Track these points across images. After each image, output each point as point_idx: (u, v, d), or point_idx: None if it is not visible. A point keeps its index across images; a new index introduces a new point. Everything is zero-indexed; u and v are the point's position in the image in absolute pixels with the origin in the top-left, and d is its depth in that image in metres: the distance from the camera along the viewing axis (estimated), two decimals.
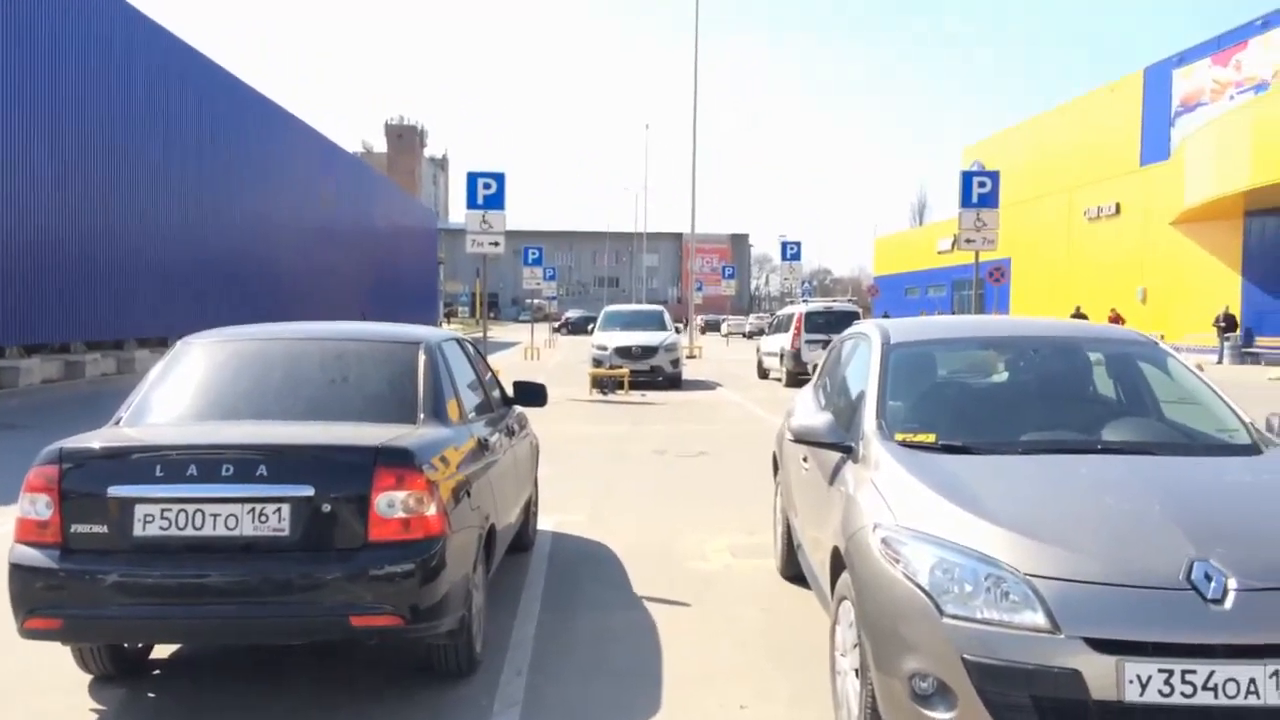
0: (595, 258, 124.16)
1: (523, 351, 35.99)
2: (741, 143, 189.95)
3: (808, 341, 20.94)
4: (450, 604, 4.01)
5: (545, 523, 7.55)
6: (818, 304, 22.71)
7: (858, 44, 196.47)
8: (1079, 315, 35.09)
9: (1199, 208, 30.95)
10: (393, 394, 4.52)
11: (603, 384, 19.51)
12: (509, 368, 28.53)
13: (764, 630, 5.19)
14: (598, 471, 10.33)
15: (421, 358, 4.66)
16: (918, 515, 3.40)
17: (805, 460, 4.91)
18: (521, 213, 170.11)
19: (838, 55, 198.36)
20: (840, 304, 23.23)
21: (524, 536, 6.56)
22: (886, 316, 21.99)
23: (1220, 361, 29.96)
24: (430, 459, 4.01)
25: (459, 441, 4.48)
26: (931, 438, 3.99)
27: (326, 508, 3.79)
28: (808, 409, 5.35)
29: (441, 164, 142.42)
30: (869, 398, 4.29)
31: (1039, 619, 2.93)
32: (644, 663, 4.72)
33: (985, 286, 49.94)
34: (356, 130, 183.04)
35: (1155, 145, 42.36)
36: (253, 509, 3.76)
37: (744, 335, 59.23)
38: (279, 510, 3.76)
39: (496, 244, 19.30)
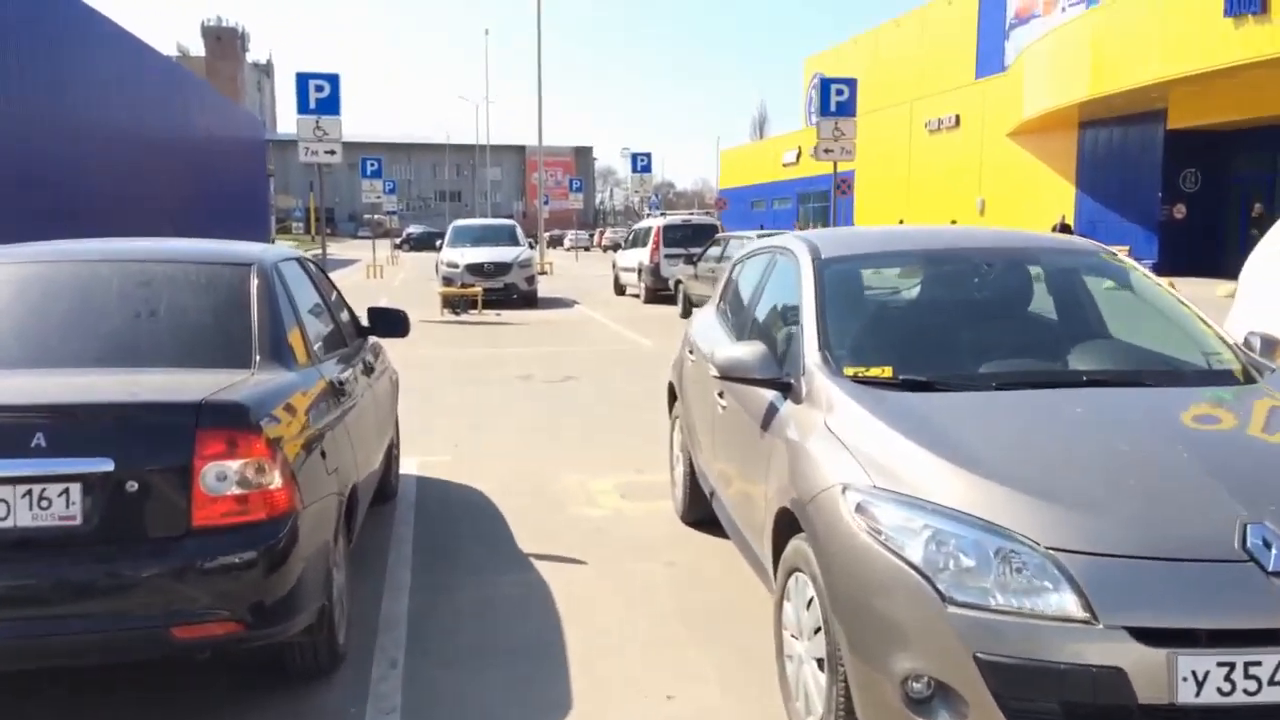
0: (436, 171, 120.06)
1: (365, 269, 34.15)
2: (581, 55, 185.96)
3: (666, 256, 20.35)
4: (305, 596, 3.17)
5: (408, 465, 6.69)
6: (675, 217, 22.07)
7: None
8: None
9: (1036, 119, 31.72)
10: (219, 330, 3.55)
11: (455, 304, 18.43)
12: (352, 288, 26.85)
13: (674, 590, 4.55)
14: (460, 402, 9.46)
15: (255, 282, 3.69)
16: (896, 472, 2.77)
17: (721, 396, 4.24)
18: (356, 124, 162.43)
19: None
20: (698, 217, 22.68)
21: (387, 485, 5.71)
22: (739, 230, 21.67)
23: None
24: (272, 412, 3.12)
25: (307, 386, 3.57)
26: (887, 372, 3.36)
27: (133, 486, 2.86)
28: (721, 337, 4.67)
29: (266, 70, 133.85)
30: (806, 325, 3.62)
31: (1070, 605, 2.35)
32: (541, 639, 4.00)
33: (831, 197, 50.81)
34: (171, 33, 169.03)
35: (990, 58, 43.29)
36: (28, 492, 2.81)
37: (584, 249, 58.63)
38: (66, 492, 2.83)
39: (333, 152, 17.77)
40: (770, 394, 3.62)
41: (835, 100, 18.83)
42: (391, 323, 5.28)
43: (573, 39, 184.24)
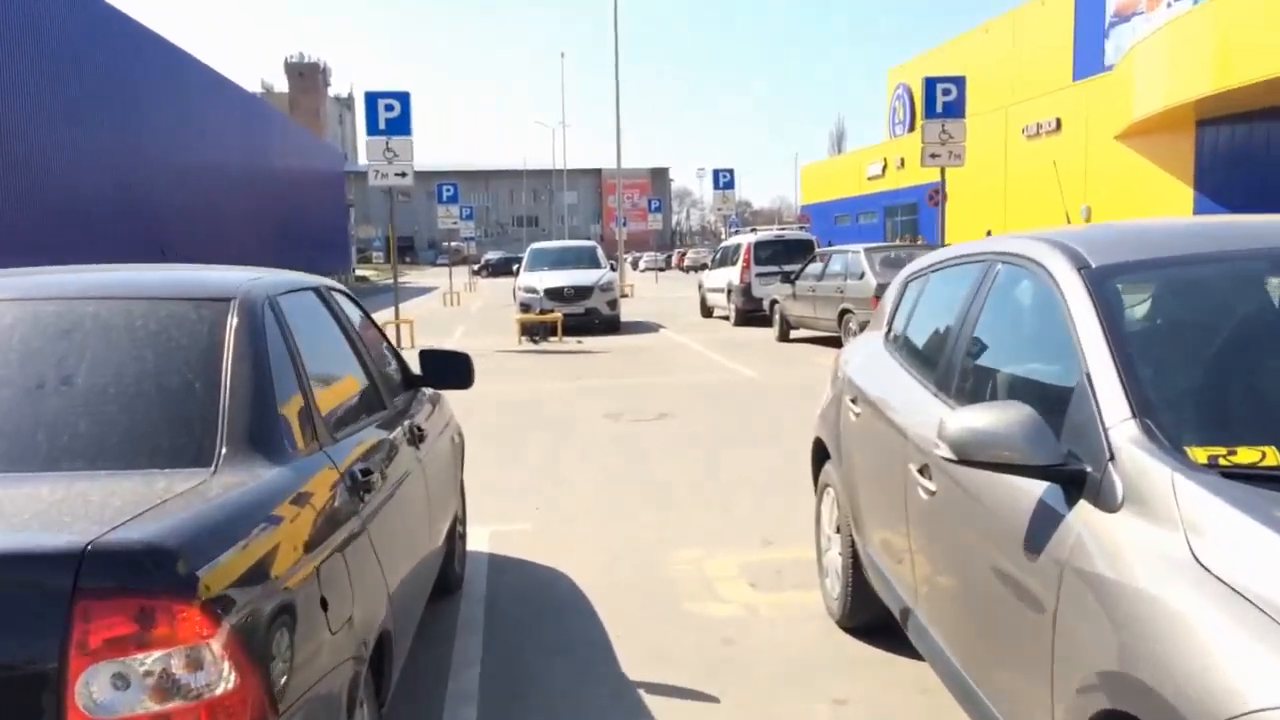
0: (513, 197, 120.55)
1: (441, 297, 33.41)
2: (653, 76, 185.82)
3: (759, 275, 18.93)
4: None
5: (478, 538, 5.42)
6: (767, 232, 20.63)
7: None
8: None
9: (1148, 119, 29.54)
10: (165, 404, 2.27)
11: (533, 331, 17.28)
12: (428, 316, 25.99)
13: None
14: (539, 449, 8.18)
15: (232, 327, 2.40)
16: None
17: (925, 474, 2.85)
18: (433, 152, 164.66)
19: None
20: (791, 232, 21.21)
21: (449, 575, 4.43)
22: (831, 245, 20.02)
23: None
24: (221, 554, 1.80)
25: (301, 489, 2.24)
26: (1273, 455, 1.95)
27: None
28: (908, 384, 3.28)
29: (347, 103, 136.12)
30: (1099, 374, 2.21)
31: None
32: None
33: (921, 210, 48.74)
34: (257, 70, 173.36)
35: (1089, 58, 41.03)
36: None
37: (659, 270, 57.55)
38: None
39: (404, 174, 16.82)
40: (1036, 485, 2.23)
41: (942, 100, 17.26)
42: (450, 370, 4.00)
43: (645, 60, 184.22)
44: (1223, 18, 24.40)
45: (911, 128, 57.79)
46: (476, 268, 65.59)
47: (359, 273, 76.51)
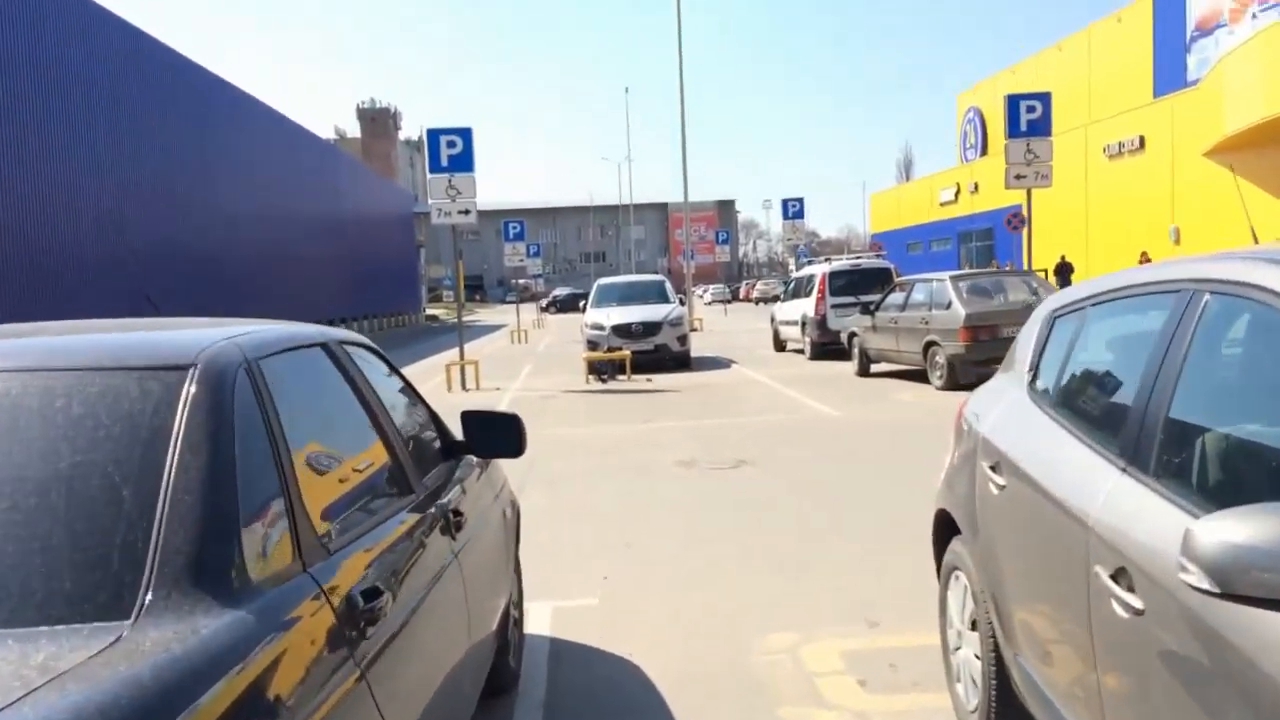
0: (580, 233, 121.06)
1: (509, 335, 33.11)
2: (719, 108, 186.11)
3: (834, 306, 18.10)
4: None
5: (538, 616, 4.76)
6: (842, 262, 19.80)
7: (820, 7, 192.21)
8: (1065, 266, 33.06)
9: (1241, 134, 28.07)
10: (69, 526, 1.61)
11: (600, 370, 16.68)
12: (495, 354, 25.64)
13: None
14: (607, 504, 7.50)
15: (187, 404, 1.80)
16: None
17: (1122, 584, 2.09)
18: (500, 190, 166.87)
19: (803, 19, 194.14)
20: (868, 260, 20.34)
21: (503, 671, 3.76)
22: (902, 273, 19.20)
23: None
24: None
25: (261, 650, 1.55)
26: None
27: None
28: (1079, 457, 2.52)
29: (417, 146, 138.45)
30: None
31: None
32: None
33: (997, 235, 47.29)
34: (329, 115, 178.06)
35: (1170, 74, 39.55)
36: None
37: (724, 303, 56.84)
38: None
39: (467, 212, 16.45)
40: None
41: (1026, 119, 16.37)
42: (498, 435, 3.34)
43: (709, 93, 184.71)
44: None
45: (984, 151, 56.44)
46: (545, 304, 65.61)
47: (430, 311, 77.25)
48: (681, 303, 20.98)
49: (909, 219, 61.27)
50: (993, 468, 3.03)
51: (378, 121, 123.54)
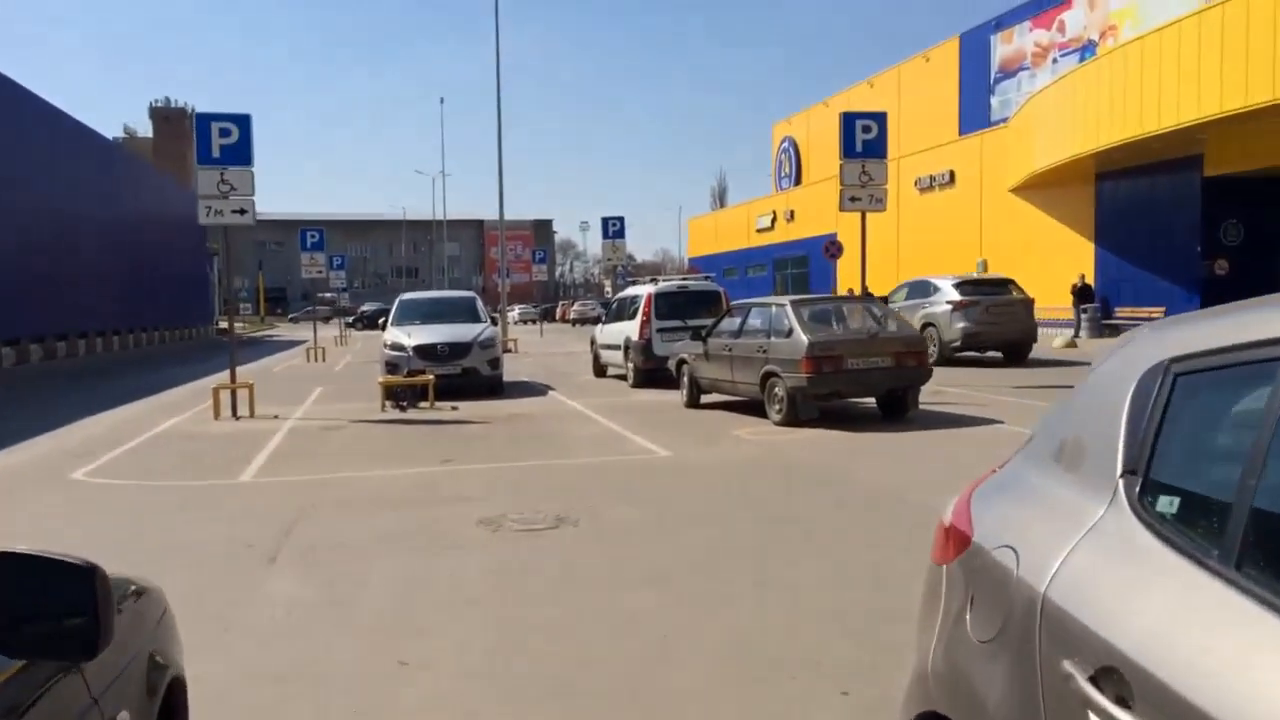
0: (392, 248, 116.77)
1: (306, 352, 30.28)
2: (535, 130, 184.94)
3: (660, 330, 16.77)
4: None
5: None
6: (669, 282, 18.50)
7: (642, 29, 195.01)
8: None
9: (1046, 172, 28.86)
10: None
11: (399, 396, 14.67)
12: (285, 373, 22.80)
13: None
14: (381, 592, 5.66)
15: None
16: None
17: None
18: (308, 202, 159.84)
19: (621, 41, 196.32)
20: (696, 282, 19.16)
21: None
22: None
23: (1077, 335, 27.99)
24: None
25: None
26: None
27: None
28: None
29: None
30: None
31: None
32: None
33: (812, 263, 47.76)
34: (121, 115, 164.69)
35: (974, 113, 40.95)
36: None
37: (530, 323, 55.90)
38: None
39: (243, 211, 14.14)
40: None
41: (862, 139, 15.57)
42: (50, 609, 1.55)
43: (525, 114, 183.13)
44: (1124, 68, 23.71)
45: (798, 181, 57.31)
46: (351, 320, 62.06)
47: (224, 324, 71.85)
48: (495, 322, 19.18)
49: (726, 244, 61.54)
50: (1100, 680, 1.48)
51: (172, 122, 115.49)
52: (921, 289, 23.13)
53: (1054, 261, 30.29)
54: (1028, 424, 11.73)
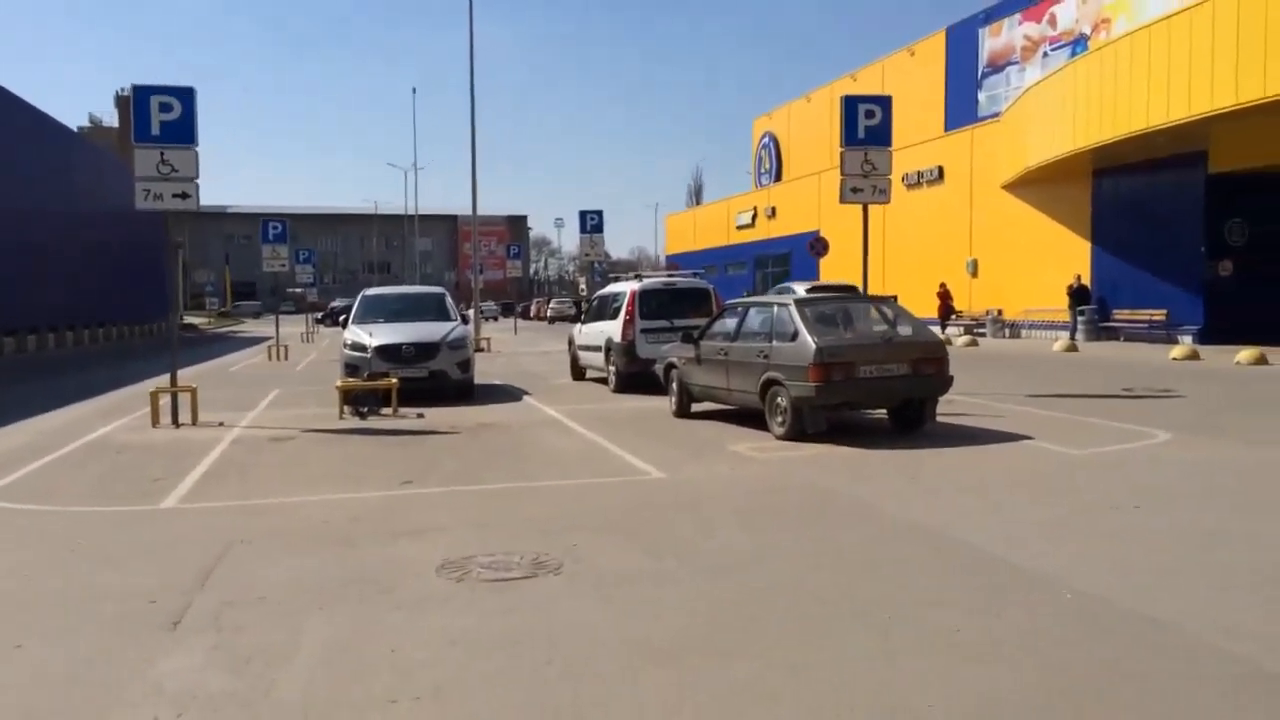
0: (363, 242, 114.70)
1: (268, 350, 28.75)
2: (509, 124, 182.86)
3: (644, 331, 15.51)
4: None
5: None
6: (655, 279, 17.21)
7: (617, 23, 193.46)
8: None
9: (1041, 169, 27.83)
10: None
11: (358, 402, 13.33)
12: (242, 373, 21.06)
13: None
14: (306, 669, 4.37)
15: None
16: None
17: None
18: (279, 196, 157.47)
19: (595, 35, 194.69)
20: (684, 279, 17.89)
21: None
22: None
23: (1074, 338, 26.97)
24: None
25: None
26: None
27: None
28: None
29: None
30: None
31: None
32: None
33: (794, 261, 46.60)
34: (86, 103, 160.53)
35: (961, 108, 39.99)
36: None
37: (493, 320, 54.77)
38: None
39: (185, 195, 12.75)
40: None
41: (865, 125, 14.39)
42: None
43: (500, 109, 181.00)
44: (1123, 60, 22.68)
45: (778, 177, 56.15)
46: (319, 316, 60.27)
47: (189, 319, 69.87)
48: (466, 320, 17.84)
49: (705, 242, 60.35)
50: None
51: None
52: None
53: (1048, 261, 29.28)
54: (1060, 440, 10.55)
